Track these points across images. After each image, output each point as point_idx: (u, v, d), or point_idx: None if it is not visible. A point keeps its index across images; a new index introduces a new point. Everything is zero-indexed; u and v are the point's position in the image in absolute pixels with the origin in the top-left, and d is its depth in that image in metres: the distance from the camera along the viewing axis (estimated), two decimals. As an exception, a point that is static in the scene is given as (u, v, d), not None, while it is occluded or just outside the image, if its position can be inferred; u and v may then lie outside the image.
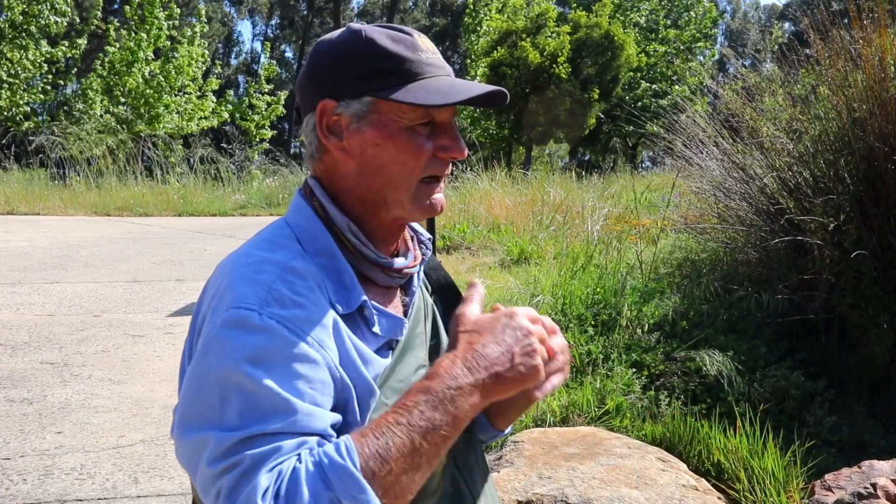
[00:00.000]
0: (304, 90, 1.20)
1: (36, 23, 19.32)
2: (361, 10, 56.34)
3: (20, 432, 3.66)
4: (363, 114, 1.15)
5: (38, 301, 6.25)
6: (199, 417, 1.00)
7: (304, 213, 1.19)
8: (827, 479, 2.92)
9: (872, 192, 4.18)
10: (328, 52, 1.18)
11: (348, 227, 1.17)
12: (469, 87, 1.17)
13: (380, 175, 1.16)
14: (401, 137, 1.15)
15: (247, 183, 17.20)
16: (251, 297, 1.03)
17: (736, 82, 5.69)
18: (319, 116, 1.16)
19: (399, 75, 1.14)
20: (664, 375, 4.09)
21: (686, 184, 6.29)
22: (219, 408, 0.98)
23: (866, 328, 4.15)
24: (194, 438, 0.99)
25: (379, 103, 1.14)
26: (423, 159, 1.16)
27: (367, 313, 1.15)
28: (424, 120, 1.16)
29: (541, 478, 2.94)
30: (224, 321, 1.02)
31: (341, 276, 1.14)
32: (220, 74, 29.46)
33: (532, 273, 6.38)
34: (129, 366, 4.69)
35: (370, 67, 1.14)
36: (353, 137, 1.15)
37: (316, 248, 1.15)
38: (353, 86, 1.14)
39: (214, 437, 0.96)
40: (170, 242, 9.96)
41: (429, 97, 1.13)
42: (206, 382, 1.00)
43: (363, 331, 1.14)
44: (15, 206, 13.57)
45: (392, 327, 1.18)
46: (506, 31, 23.78)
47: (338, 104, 1.15)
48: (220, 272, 1.12)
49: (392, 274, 1.21)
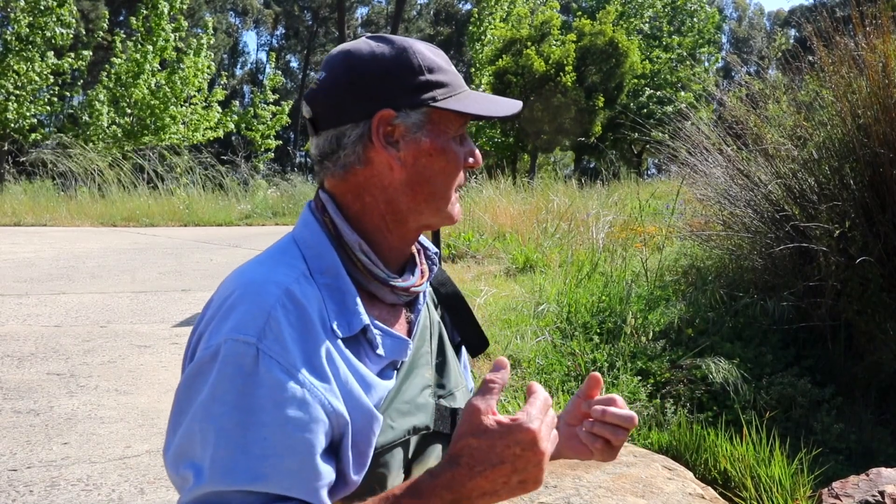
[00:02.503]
0: (338, 100, 1.16)
1: (42, 35, 19.42)
2: (366, 20, 56.52)
3: (27, 443, 3.66)
4: (421, 124, 1.15)
5: (45, 312, 6.27)
6: (180, 448, 1.00)
7: (312, 230, 1.18)
8: (834, 487, 2.90)
9: (878, 198, 4.17)
10: (374, 63, 1.16)
11: (359, 245, 1.16)
12: (504, 101, 1.24)
13: (428, 184, 1.17)
14: (450, 147, 1.17)
15: (252, 193, 17.24)
16: (250, 327, 1.01)
17: (740, 89, 5.70)
18: (376, 126, 1.14)
19: (448, 87, 1.17)
20: (670, 383, 4.08)
21: (691, 191, 6.28)
22: (200, 447, 0.98)
23: (873, 335, 4.14)
24: (177, 471, 1.00)
25: (433, 114, 1.16)
26: (461, 168, 1.20)
27: (370, 335, 1.13)
28: (461, 132, 1.20)
29: (546, 486, 2.94)
30: (221, 352, 1.01)
31: (345, 297, 1.13)
32: (226, 85, 29.54)
33: (537, 281, 6.37)
34: (136, 376, 4.70)
35: (425, 79, 1.15)
36: (409, 147, 1.15)
37: (321, 266, 1.14)
38: (410, 96, 1.14)
39: (192, 478, 0.97)
40: (175, 253, 9.99)
41: (486, 108, 1.18)
42: (193, 415, 1.00)
43: (366, 352, 1.13)
44: (22, 217, 13.62)
45: (396, 348, 1.16)
46: (510, 40, 23.84)
47: (396, 114, 1.14)
48: (223, 289, 1.11)
49: (399, 293, 1.20)
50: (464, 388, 1.31)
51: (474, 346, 1.37)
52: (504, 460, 0.97)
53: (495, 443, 0.97)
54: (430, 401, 1.19)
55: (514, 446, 0.97)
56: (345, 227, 1.17)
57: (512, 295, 6.10)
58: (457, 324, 1.37)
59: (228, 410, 0.98)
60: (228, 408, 0.98)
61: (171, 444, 1.02)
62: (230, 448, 0.96)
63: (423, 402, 1.18)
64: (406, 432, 1.13)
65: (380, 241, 1.19)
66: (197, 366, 1.03)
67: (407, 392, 1.16)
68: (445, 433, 1.20)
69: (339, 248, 1.16)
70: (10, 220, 13.44)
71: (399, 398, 1.14)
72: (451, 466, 0.98)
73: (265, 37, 58.12)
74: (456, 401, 1.25)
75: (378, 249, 1.19)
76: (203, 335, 1.06)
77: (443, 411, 1.21)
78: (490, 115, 1.18)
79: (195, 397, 1.01)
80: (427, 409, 1.18)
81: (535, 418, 0.99)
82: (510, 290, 6.41)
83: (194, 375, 1.02)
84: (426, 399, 1.19)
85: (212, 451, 0.97)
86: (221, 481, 0.95)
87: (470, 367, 1.48)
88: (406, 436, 1.13)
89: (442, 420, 1.20)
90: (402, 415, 1.12)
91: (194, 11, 38.49)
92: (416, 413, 1.16)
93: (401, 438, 1.12)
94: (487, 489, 0.98)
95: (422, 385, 1.20)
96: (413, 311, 1.25)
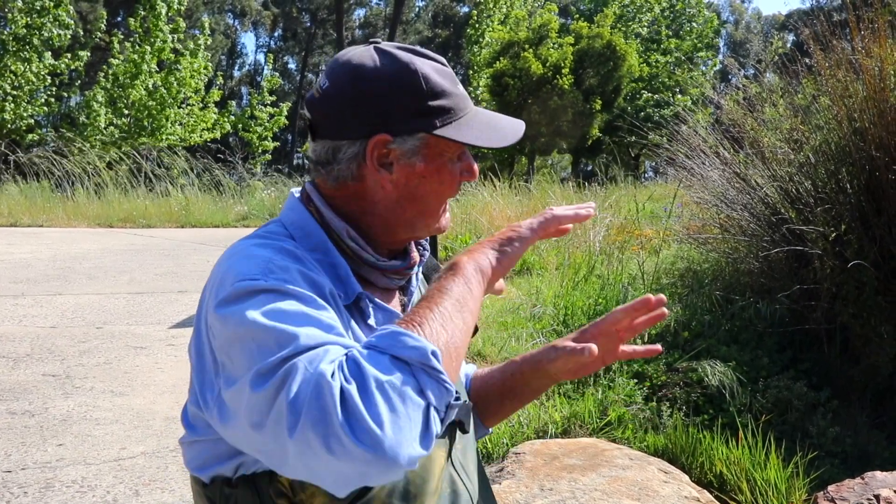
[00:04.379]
0: (338, 113, 1.18)
1: (39, 35, 19.40)
2: (363, 21, 56.51)
3: (21, 445, 3.65)
4: (416, 150, 1.17)
5: (41, 313, 6.26)
6: (234, 372, 0.97)
7: (298, 212, 1.21)
8: (830, 491, 2.90)
9: (873, 202, 4.18)
10: (378, 83, 1.16)
11: (346, 231, 1.18)
12: (507, 126, 1.25)
13: (418, 203, 1.20)
14: (445, 170, 1.19)
15: (249, 194, 17.22)
16: (253, 270, 1.03)
17: (737, 93, 5.71)
18: (371, 150, 1.16)
19: (450, 113, 1.17)
20: (666, 386, 4.08)
21: (688, 194, 6.29)
22: (253, 351, 0.95)
23: (868, 338, 4.14)
24: (234, 388, 0.96)
25: (429, 139, 1.17)
26: (455, 186, 1.22)
27: (363, 305, 1.16)
28: (461, 151, 1.21)
29: (542, 490, 2.93)
30: (230, 295, 1.01)
31: (336, 269, 1.15)
32: (223, 86, 29.55)
33: (534, 284, 6.38)
34: (131, 378, 4.69)
35: (426, 105, 1.16)
36: (402, 170, 1.17)
37: (309, 244, 1.16)
38: (409, 122, 1.16)
39: (255, 368, 0.93)
40: (172, 254, 9.97)
41: (481, 137, 1.19)
42: (234, 342, 0.98)
43: (359, 324, 1.15)
44: (18, 218, 13.58)
45: (388, 321, 1.17)
46: (508, 42, 23.87)
47: (392, 140, 1.16)
48: (216, 267, 1.13)
49: (390, 276, 1.23)
50: None
51: None
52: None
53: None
54: None
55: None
56: (331, 214, 1.19)
57: (508, 297, 6.10)
58: None
59: (260, 319, 0.96)
60: (259, 317, 0.97)
61: (228, 375, 0.99)
62: (279, 334, 0.95)
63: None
64: None
65: (369, 237, 1.22)
66: (218, 320, 1.02)
67: None
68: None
69: (326, 233, 1.18)
70: (7, 220, 13.40)
71: None
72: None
73: (263, 38, 58.11)
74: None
75: (367, 241, 1.21)
76: (209, 304, 1.06)
77: None
78: (488, 145, 1.19)
79: (231, 334, 0.99)
80: None
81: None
82: (507, 292, 6.41)
83: (222, 325, 1.01)
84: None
85: (260, 346, 0.95)
86: (278, 352, 0.93)
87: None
88: None
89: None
90: None
91: (192, 12, 38.46)
92: None
93: None
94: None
95: None
96: (406, 295, 1.28)
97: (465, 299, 1.05)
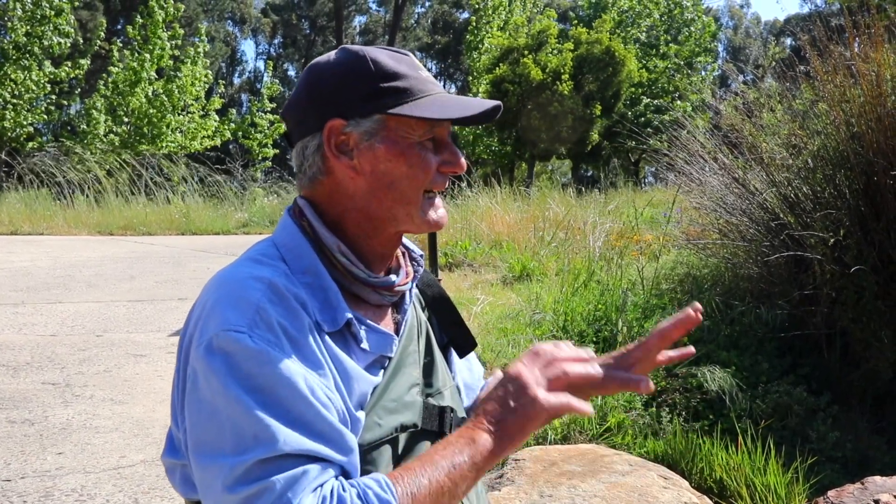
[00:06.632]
0: (301, 113, 1.20)
1: (39, 44, 19.42)
2: (363, 28, 56.61)
3: (21, 453, 3.66)
4: (374, 131, 1.16)
5: (41, 321, 6.26)
6: (209, 445, 0.99)
7: (291, 232, 1.20)
8: (829, 496, 2.90)
9: (872, 206, 4.19)
10: (329, 73, 1.18)
11: (338, 247, 1.17)
12: (474, 102, 1.20)
13: (391, 190, 1.17)
14: (412, 153, 1.17)
15: (249, 201, 17.23)
16: (240, 320, 1.02)
17: (736, 98, 5.71)
18: (327, 136, 1.16)
19: (405, 93, 1.16)
20: (666, 392, 4.08)
21: (687, 199, 6.30)
22: (229, 434, 0.98)
23: (868, 343, 4.14)
24: (207, 466, 0.99)
25: (388, 120, 1.16)
26: (430, 173, 1.18)
27: (354, 329, 1.15)
28: (430, 136, 1.18)
29: (542, 496, 2.93)
30: (215, 345, 1.01)
31: (327, 294, 1.14)
32: (224, 93, 29.57)
33: (534, 290, 6.38)
34: (131, 386, 4.69)
35: (378, 86, 1.15)
36: (363, 155, 1.16)
37: (301, 266, 1.15)
38: (362, 105, 1.15)
39: (229, 462, 0.96)
40: (173, 261, 9.98)
41: (443, 111, 1.16)
42: (210, 411, 1.00)
43: (352, 347, 1.14)
44: (18, 226, 13.59)
45: (380, 343, 1.17)
46: (507, 48, 23.88)
47: (347, 123, 1.15)
48: (206, 291, 1.12)
49: (383, 292, 1.21)
50: (451, 386, 1.32)
51: (461, 347, 1.38)
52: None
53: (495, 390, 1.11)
54: (417, 399, 1.20)
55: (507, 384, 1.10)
56: (322, 229, 1.18)
57: (508, 303, 6.10)
58: (444, 325, 1.38)
59: (242, 397, 0.98)
60: (241, 393, 0.98)
61: (197, 444, 1.02)
62: (256, 423, 0.97)
63: (411, 400, 1.19)
64: (394, 430, 1.14)
65: (362, 246, 1.21)
66: (198, 369, 1.03)
67: (394, 390, 1.17)
68: (433, 431, 1.21)
69: (318, 251, 1.18)
70: (7, 228, 13.41)
71: (386, 396, 1.15)
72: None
73: (263, 45, 58.21)
74: (444, 399, 1.26)
75: (360, 254, 1.20)
76: (193, 336, 1.06)
77: (431, 409, 1.22)
78: (445, 116, 1.16)
79: (207, 397, 1.01)
80: (415, 407, 1.19)
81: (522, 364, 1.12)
82: (507, 298, 6.41)
83: (200, 380, 1.02)
84: (414, 397, 1.20)
85: (238, 431, 0.97)
86: (254, 451, 0.96)
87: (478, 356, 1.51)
88: (394, 433, 1.14)
89: (430, 418, 1.21)
90: (389, 412, 1.14)
91: (192, 20, 38.53)
92: (403, 411, 1.17)
93: (388, 436, 1.13)
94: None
95: (409, 383, 1.20)
96: (400, 312, 1.26)
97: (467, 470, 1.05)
